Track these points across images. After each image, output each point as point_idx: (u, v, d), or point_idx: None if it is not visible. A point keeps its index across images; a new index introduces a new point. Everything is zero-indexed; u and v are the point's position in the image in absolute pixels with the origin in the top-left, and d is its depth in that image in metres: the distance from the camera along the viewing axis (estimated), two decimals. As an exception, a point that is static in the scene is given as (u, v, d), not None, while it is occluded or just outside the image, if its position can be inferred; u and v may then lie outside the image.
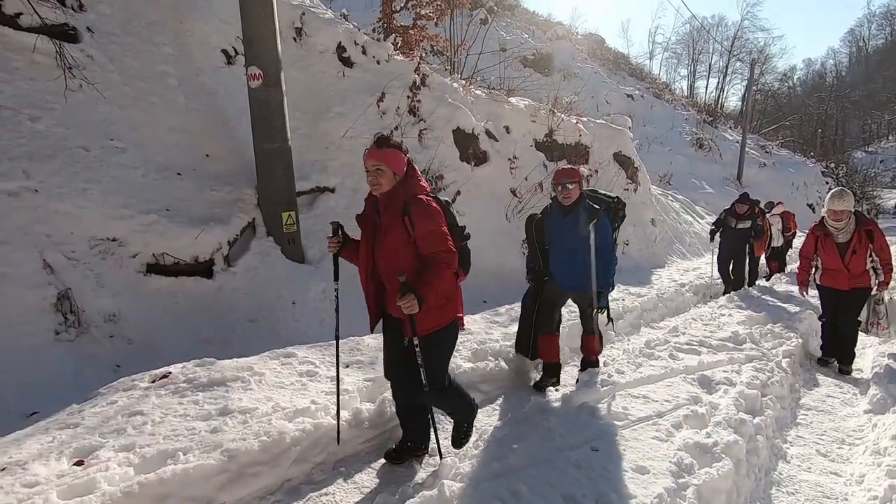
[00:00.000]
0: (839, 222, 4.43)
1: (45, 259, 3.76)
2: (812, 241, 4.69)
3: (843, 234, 4.45)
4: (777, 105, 48.66)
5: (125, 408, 2.71)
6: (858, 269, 4.48)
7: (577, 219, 3.50)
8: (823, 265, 4.65)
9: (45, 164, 4.08)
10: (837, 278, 4.56)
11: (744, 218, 7.39)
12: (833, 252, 4.51)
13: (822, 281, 4.72)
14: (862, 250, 4.43)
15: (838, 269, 4.51)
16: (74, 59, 4.64)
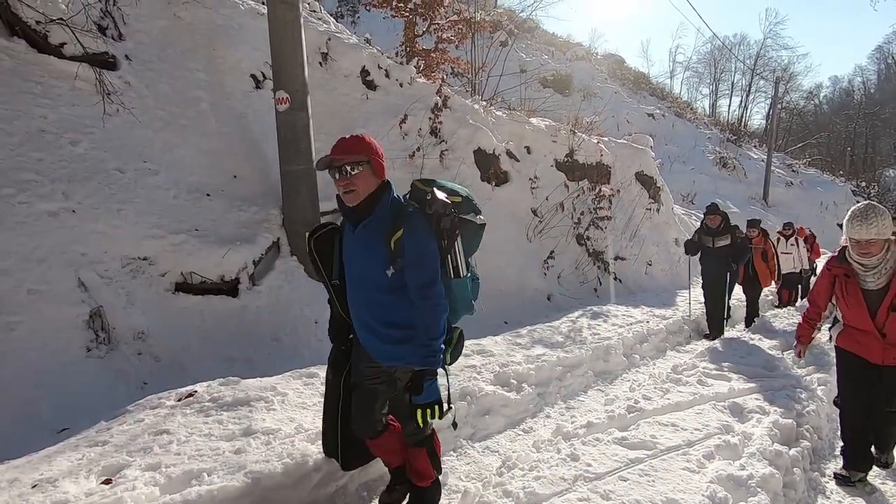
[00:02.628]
0: (868, 257, 2.76)
1: (80, 277, 3.88)
2: (827, 282, 3.04)
3: (874, 275, 2.79)
4: (803, 123, 47.77)
5: (152, 426, 2.74)
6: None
7: (371, 231, 2.07)
8: (844, 320, 3.02)
9: (83, 186, 4.24)
10: (866, 344, 2.88)
11: (720, 232, 6.08)
12: (858, 303, 2.86)
13: (841, 342, 3.03)
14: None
15: (866, 329, 2.87)
16: (113, 85, 4.85)
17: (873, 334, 2.81)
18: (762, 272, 7.00)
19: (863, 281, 2.83)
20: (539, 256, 7.77)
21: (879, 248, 2.71)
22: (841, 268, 2.91)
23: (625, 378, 4.54)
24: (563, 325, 5.41)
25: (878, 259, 2.73)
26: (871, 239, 2.67)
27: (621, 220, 9.57)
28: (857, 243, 2.74)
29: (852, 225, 2.73)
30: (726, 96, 47.19)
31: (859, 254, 2.75)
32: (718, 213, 6.10)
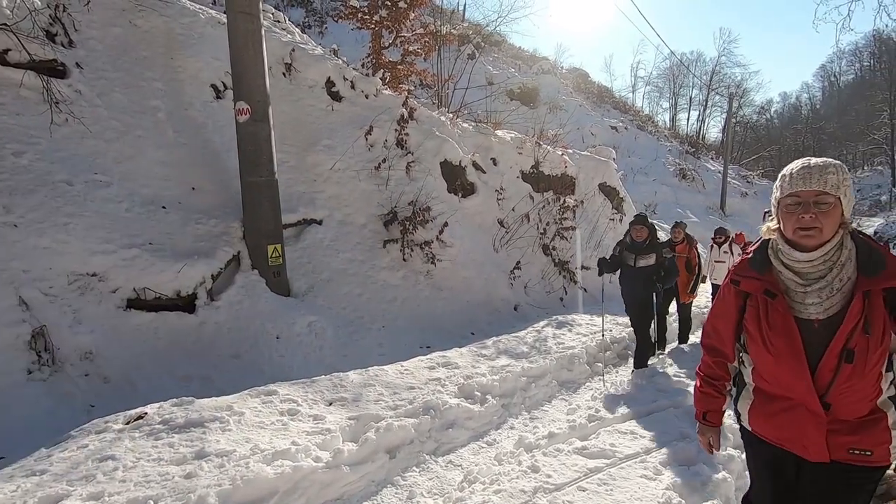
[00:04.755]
0: (812, 240, 1.45)
1: (21, 295, 3.67)
2: (733, 306, 1.66)
3: (819, 292, 1.46)
4: (756, 136, 50.26)
5: (96, 452, 2.60)
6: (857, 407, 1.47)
7: None
8: (756, 377, 1.62)
9: (26, 199, 4.04)
10: (794, 425, 1.53)
11: (645, 249, 4.83)
12: (789, 345, 1.49)
13: (755, 423, 1.64)
14: (875, 350, 1.42)
15: (795, 397, 1.52)
16: (62, 94, 4.66)
17: (807, 406, 1.46)
18: (683, 285, 6.00)
19: (798, 303, 1.47)
20: (506, 267, 7.84)
21: (832, 224, 1.42)
22: (759, 280, 1.54)
23: (588, 387, 4.60)
24: (529, 336, 5.46)
25: (825, 255, 1.42)
26: (821, 193, 1.41)
27: (586, 230, 9.78)
28: (796, 206, 1.44)
29: (792, 175, 1.46)
30: (685, 110, 49.18)
31: (800, 230, 1.43)
32: (646, 225, 4.84)
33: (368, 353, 5.10)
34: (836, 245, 1.45)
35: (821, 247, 1.45)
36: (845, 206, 1.46)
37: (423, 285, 6.50)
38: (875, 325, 1.41)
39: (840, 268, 1.45)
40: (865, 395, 1.46)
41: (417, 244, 6.53)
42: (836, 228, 1.45)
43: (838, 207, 1.45)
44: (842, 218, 1.46)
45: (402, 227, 6.47)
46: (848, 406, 1.47)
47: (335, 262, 5.89)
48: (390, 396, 3.62)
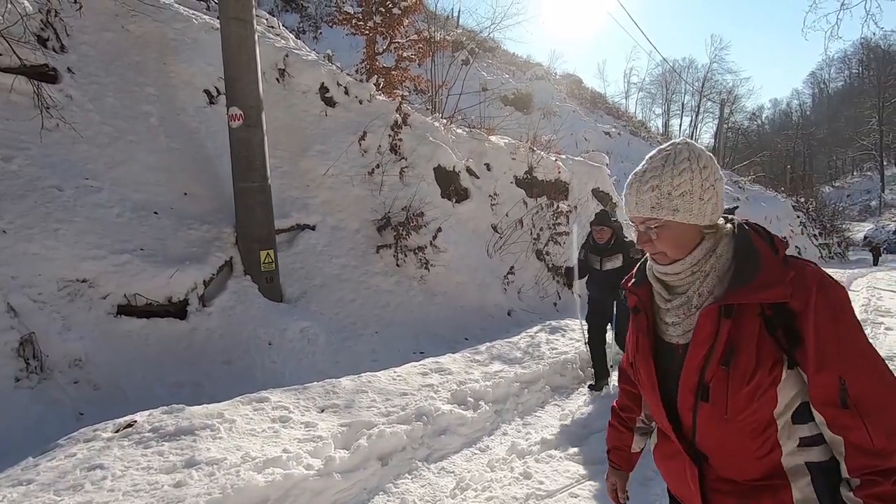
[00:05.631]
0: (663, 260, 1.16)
1: (9, 302, 3.63)
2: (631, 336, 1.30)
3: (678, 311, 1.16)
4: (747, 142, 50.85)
5: (84, 461, 2.57)
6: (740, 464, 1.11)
7: None
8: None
9: (15, 205, 4.00)
10: (680, 475, 1.20)
11: (610, 251, 4.49)
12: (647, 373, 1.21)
13: (659, 467, 1.30)
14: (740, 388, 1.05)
15: (670, 439, 1.20)
16: (53, 99, 4.63)
17: (680, 451, 1.18)
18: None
19: (663, 322, 1.22)
20: (499, 272, 7.86)
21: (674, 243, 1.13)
22: (634, 294, 1.29)
23: (581, 392, 4.61)
24: (522, 341, 5.47)
25: (691, 265, 1.14)
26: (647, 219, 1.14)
27: (579, 236, 9.82)
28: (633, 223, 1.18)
29: (629, 184, 1.18)
30: (677, 116, 49.71)
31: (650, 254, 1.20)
32: (607, 225, 4.48)
33: (361, 359, 5.08)
34: (706, 253, 1.13)
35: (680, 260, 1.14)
36: (688, 219, 1.10)
37: (417, 291, 6.50)
38: (742, 355, 1.03)
39: (703, 278, 1.13)
40: (745, 450, 1.08)
41: (411, 249, 6.53)
42: (693, 240, 1.12)
43: (675, 225, 1.11)
44: (695, 227, 1.12)
45: (395, 232, 6.47)
46: (727, 461, 1.12)
47: (328, 268, 5.87)
48: (383, 403, 3.61)
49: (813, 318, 1.00)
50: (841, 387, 0.99)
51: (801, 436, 1.07)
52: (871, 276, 16.25)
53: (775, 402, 1.05)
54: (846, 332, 1.01)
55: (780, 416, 1.06)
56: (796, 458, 1.07)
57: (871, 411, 0.98)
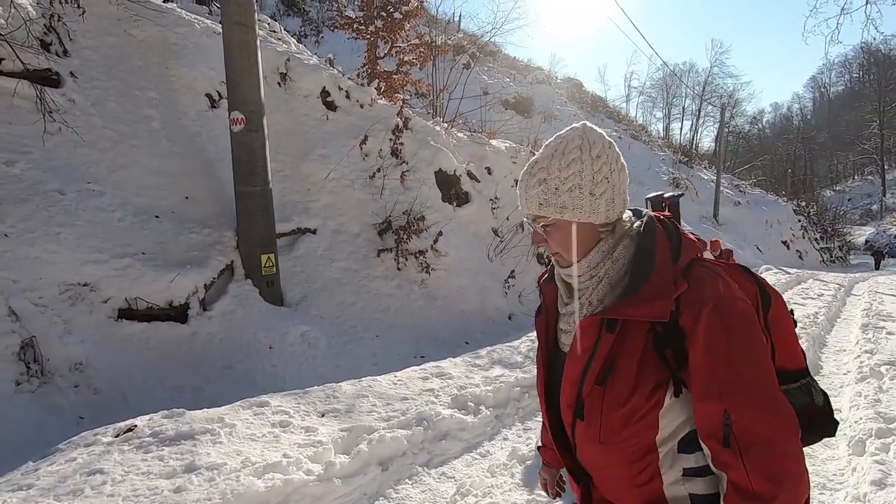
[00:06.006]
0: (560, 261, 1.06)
1: (10, 305, 3.64)
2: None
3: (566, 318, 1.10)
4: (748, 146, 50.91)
5: (84, 465, 2.57)
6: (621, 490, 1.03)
7: None
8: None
9: (17, 208, 4.01)
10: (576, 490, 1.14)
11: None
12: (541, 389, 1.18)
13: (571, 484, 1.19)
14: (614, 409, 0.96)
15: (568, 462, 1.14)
16: (55, 103, 4.66)
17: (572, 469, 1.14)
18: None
19: (560, 329, 1.14)
20: (500, 276, 7.86)
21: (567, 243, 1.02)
22: (545, 290, 1.22)
23: (582, 397, 4.60)
24: (523, 345, 5.46)
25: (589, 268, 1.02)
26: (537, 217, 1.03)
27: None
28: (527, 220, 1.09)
29: (521, 176, 1.07)
30: (678, 120, 49.79)
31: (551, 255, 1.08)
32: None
33: (362, 363, 5.08)
34: (603, 256, 1.00)
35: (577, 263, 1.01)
36: (579, 217, 0.97)
37: (417, 294, 6.49)
38: (619, 374, 0.93)
39: (596, 285, 1.00)
40: (623, 475, 0.98)
41: (412, 253, 6.54)
42: (590, 241, 1.00)
43: (565, 223, 0.99)
44: (589, 226, 0.99)
45: (396, 236, 6.48)
46: (607, 484, 1.03)
47: (329, 272, 5.88)
48: (383, 407, 3.61)
49: (701, 340, 0.88)
50: (725, 421, 0.87)
51: (685, 466, 0.96)
52: (872, 281, 16.23)
53: (656, 428, 0.94)
54: (737, 359, 0.87)
55: (664, 443, 0.95)
56: (679, 489, 0.96)
57: (753, 451, 0.86)
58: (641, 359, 0.92)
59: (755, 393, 0.87)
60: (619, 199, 0.99)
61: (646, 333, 0.93)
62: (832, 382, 5.48)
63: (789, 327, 1.07)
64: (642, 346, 0.93)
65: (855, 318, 9.07)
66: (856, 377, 5.38)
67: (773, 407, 0.88)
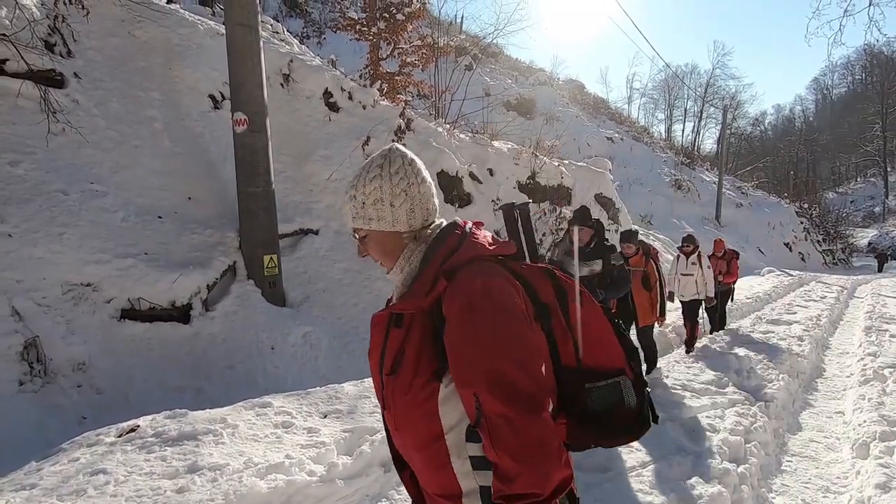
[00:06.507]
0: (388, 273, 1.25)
1: (14, 305, 3.65)
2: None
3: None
4: (750, 148, 50.82)
5: (87, 465, 2.57)
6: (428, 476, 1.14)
7: None
8: None
9: (21, 209, 4.03)
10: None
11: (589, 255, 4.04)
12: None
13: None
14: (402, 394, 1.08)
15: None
16: (59, 103, 4.67)
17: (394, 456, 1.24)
18: (641, 305, 4.90)
19: None
20: (502, 277, 7.85)
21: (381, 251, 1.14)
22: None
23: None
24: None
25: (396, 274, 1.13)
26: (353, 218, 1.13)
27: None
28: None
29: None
30: (680, 121, 49.74)
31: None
32: (589, 225, 4.09)
33: (363, 364, 5.06)
34: (407, 258, 1.10)
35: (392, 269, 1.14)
36: (385, 227, 1.08)
37: (420, 296, 6.49)
38: (404, 365, 1.02)
39: (399, 286, 1.11)
40: (420, 461, 1.06)
41: (414, 254, 6.53)
42: (398, 249, 1.11)
43: (375, 234, 1.10)
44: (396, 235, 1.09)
45: (398, 237, 6.47)
46: (417, 471, 1.11)
47: (331, 272, 5.88)
48: (385, 409, 3.60)
49: (452, 329, 0.96)
50: (476, 404, 0.92)
51: (471, 454, 1.00)
52: (875, 283, 16.19)
53: (437, 416, 1.00)
54: (480, 345, 0.93)
55: (450, 430, 1.00)
56: (471, 481, 1.01)
57: (497, 431, 0.90)
58: (420, 349, 1.01)
59: (496, 375, 0.92)
60: (420, 209, 1.09)
61: (425, 326, 1.01)
62: (835, 385, 5.47)
63: (598, 327, 1.12)
64: (422, 337, 1.01)
65: (858, 321, 9.04)
66: (859, 380, 5.36)
67: (518, 390, 0.91)
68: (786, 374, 5.21)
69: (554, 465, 0.91)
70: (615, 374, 1.11)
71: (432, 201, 1.13)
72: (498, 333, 0.94)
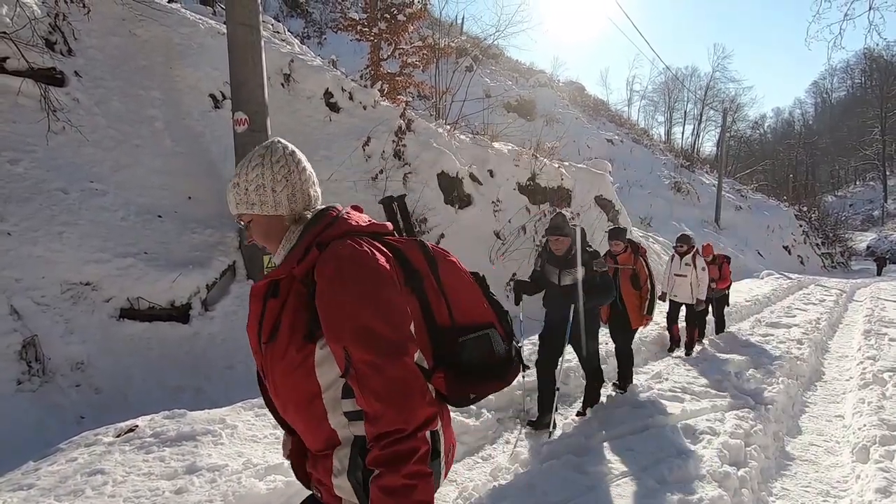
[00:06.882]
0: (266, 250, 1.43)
1: (13, 304, 3.64)
2: None
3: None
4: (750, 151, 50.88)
5: (85, 465, 2.56)
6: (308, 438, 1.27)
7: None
8: None
9: (20, 207, 4.01)
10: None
11: (570, 262, 3.83)
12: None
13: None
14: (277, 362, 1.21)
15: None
16: (59, 102, 4.66)
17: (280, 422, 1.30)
18: (631, 306, 4.67)
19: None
20: (502, 279, 7.84)
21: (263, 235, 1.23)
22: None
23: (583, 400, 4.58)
24: (525, 348, 5.44)
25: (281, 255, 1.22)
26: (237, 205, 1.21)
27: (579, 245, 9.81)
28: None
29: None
30: (680, 124, 49.77)
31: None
32: (564, 234, 3.80)
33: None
34: (288, 239, 1.19)
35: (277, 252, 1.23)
36: (267, 211, 1.17)
37: (419, 297, 6.48)
38: (280, 332, 1.09)
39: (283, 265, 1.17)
40: (300, 420, 1.14)
41: (414, 255, 6.52)
42: (281, 232, 1.19)
43: (259, 218, 1.19)
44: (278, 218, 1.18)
45: (398, 238, 6.46)
46: (301, 433, 1.18)
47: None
48: (385, 410, 3.59)
49: (322, 292, 1.04)
50: (346, 357, 1.01)
51: (345, 410, 1.09)
52: (874, 287, 16.20)
53: (314, 377, 1.08)
54: (346, 303, 1.01)
55: (327, 389, 1.09)
56: (347, 432, 1.11)
57: (364, 379, 0.99)
58: (295, 317, 1.08)
59: (362, 328, 1.00)
60: (300, 195, 1.19)
61: (300, 294, 1.09)
62: (835, 389, 5.47)
63: (468, 289, 1.25)
64: (297, 305, 1.09)
65: (857, 325, 9.05)
66: (858, 383, 5.36)
67: (375, 338, 1.00)
68: (785, 378, 5.21)
69: (417, 402, 1.00)
70: (485, 327, 1.23)
71: (314, 188, 1.24)
72: (364, 293, 1.03)
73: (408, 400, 0.99)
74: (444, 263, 1.23)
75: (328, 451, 1.12)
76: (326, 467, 1.12)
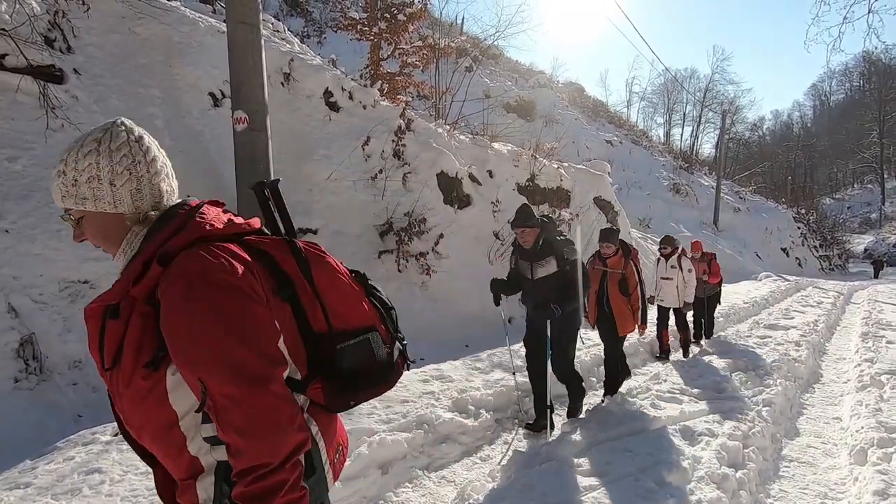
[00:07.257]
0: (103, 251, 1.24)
1: (10, 302, 3.62)
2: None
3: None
4: (749, 153, 50.99)
5: (83, 464, 2.55)
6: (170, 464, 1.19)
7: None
8: None
9: (18, 205, 4.00)
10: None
11: (540, 254, 3.70)
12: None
13: None
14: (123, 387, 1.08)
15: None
16: (58, 99, 4.64)
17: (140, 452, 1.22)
18: (619, 311, 4.47)
19: None
20: (501, 279, 7.84)
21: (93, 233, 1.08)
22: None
23: (583, 402, 4.58)
24: (523, 349, 5.44)
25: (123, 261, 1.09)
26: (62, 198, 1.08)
27: (580, 244, 9.81)
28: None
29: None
30: (679, 126, 49.89)
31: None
32: (529, 225, 3.66)
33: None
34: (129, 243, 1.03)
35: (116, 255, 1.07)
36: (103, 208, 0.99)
37: (418, 296, 6.48)
38: (125, 357, 0.95)
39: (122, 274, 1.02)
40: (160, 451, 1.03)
41: (413, 255, 6.52)
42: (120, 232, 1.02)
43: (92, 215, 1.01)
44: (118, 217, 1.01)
45: (397, 237, 6.46)
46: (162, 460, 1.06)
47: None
48: (383, 410, 3.59)
49: (168, 316, 0.90)
50: (202, 387, 0.90)
51: (205, 435, 0.98)
52: (872, 289, 16.24)
53: (167, 404, 0.96)
54: (203, 327, 0.89)
55: (185, 416, 0.97)
56: (210, 458, 1.00)
57: (227, 412, 0.89)
58: (140, 341, 0.94)
59: (217, 356, 0.89)
60: (148, 190, 1.01)
61: (146, 315, 0.94)
62: (832, 391, 5.48)
63: (345, 291, 1.14)
64: (142, 328, 0.94)
65: (854, 327, 9.07)
66: (856, 386, 5.37)
67: (234, 368, 0.89)
68: (783, 380, 5.22)
69: (285, 432, 0.91)
70: (364, 331, 1.14)
71: (166, 182, 1.06)
72: (218, 313, 0.90)
73: (274, 432, 0.90)
74: (318, 264, 1.11)
75: (192, 480, 1.02)
76: (192, 498, 1.02)
